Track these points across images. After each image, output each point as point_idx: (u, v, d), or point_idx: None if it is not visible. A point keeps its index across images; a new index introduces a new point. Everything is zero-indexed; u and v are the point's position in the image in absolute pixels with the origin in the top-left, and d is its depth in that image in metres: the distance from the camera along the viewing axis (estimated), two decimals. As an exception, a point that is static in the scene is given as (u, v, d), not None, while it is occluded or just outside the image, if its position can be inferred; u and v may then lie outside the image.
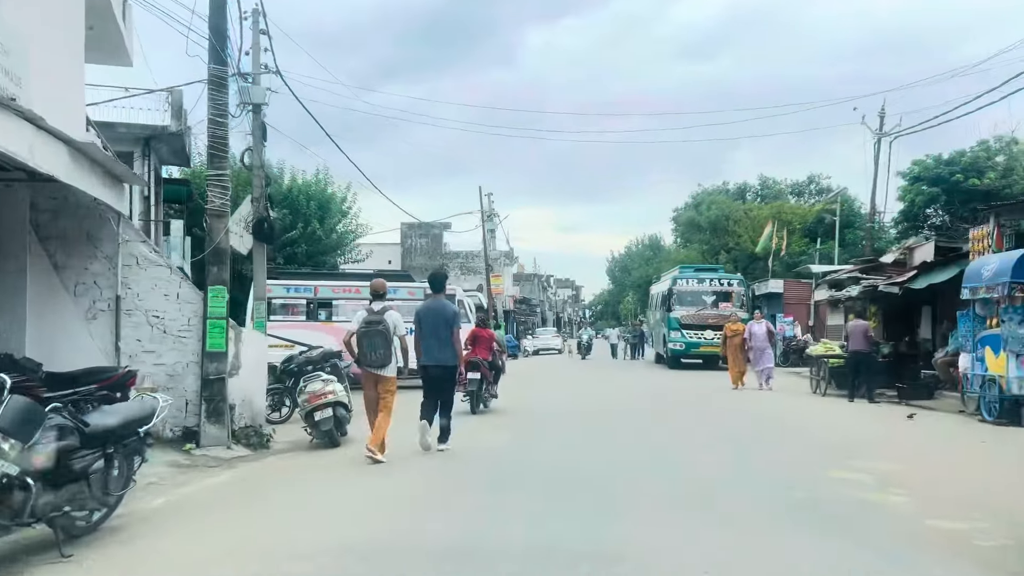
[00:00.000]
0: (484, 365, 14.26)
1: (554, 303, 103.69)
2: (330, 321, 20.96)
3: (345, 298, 21.05)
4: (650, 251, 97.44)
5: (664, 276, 34.21)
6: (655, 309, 33.46)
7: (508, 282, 58.21)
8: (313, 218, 26.40)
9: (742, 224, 42.96)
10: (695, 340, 27.93)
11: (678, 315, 28.17)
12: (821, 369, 17.89)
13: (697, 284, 28.61)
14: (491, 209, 39.65)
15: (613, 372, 28.85)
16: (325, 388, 9.92)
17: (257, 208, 16.10)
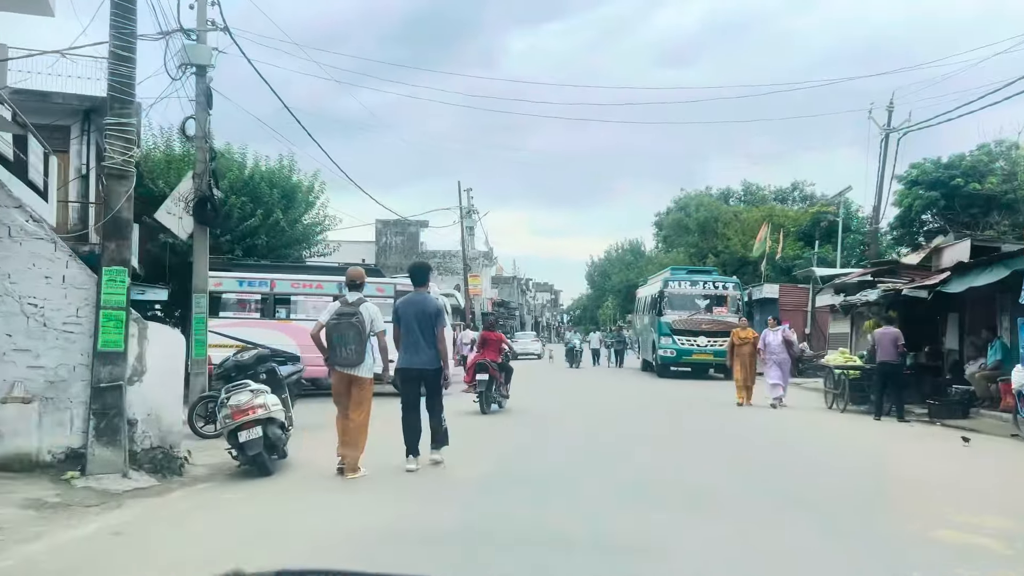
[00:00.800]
0: (493, 366, 14.46)
1: (533, 307, 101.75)
2: (288, 319, 18.76)
3: (305, 294, 18.87)
4: (631, 256, 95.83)
5: (653, 278, 32.26)
6: (643, 313, 31.51)
7: (486, 284, 56.10)
8: (276, 207, 24.10)
9: (732, 227, 41.17)
10: (687, 347, 25.98)
11: (669, 320, 26.22)
12: (838, 382, 15.95)
13: (690, 287, 26.67)
14: (471, 206, 37.61)
15: (599, 381, 26.79)
16: (253, 401, 7.73)
17: (199, 186, 13.84)
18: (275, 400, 8.04)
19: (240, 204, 23.49)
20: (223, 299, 18.40)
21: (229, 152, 25.05)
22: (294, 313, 18.80)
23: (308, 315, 18.74)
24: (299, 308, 18.91)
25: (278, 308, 18.94)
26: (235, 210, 23.43)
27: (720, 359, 25.67)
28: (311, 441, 9.42)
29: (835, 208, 34.88)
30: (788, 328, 30.46)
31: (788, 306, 30.50)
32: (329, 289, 18.66)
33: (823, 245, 33.75)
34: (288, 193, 25.14)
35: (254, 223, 23.57)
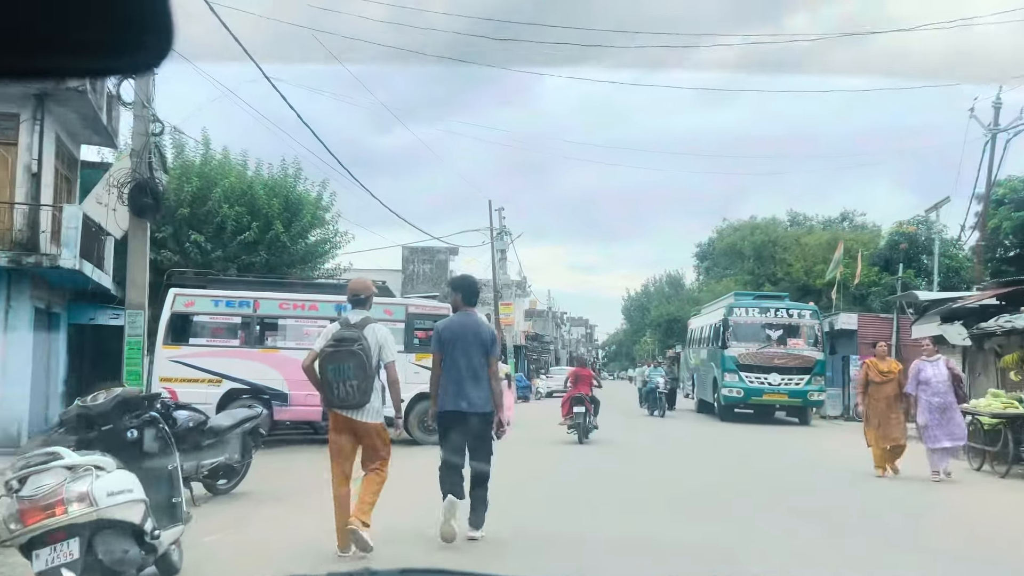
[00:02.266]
0: (588, 400, 15.88)
1: (567, 341, 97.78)
2: (275, 348, 15.23)
3: (296, 316, 15.33)
4: (670, 288, 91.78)
5: (711, 306, 28.32)
6: (698, 346, 27.56)
7: (519, 315, 52.46)
8: (276, 219, 20.77)
9: (792, 252, 37.13)
10: (756, 385, 22.00)
11: (735, 354, 22.30)
12: (995, 437, 11.95)
13: (759, 315, 22.76)
14: (502, 226, 34.08)
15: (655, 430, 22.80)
16: (63, 490, 4.05)
17: (137, 167, 10.41)
18: (123, 484, 4.32)
19: (235, 215, 20.19)
20: (195, 322, 14.95)
21: (227, 157, 21.86)
22: (283, 340, 15.28)
23: (300, 343, 15.22)
24: (289, 334, 15.38)
25: (263, 334, 15.44)
26: (229, 222, 20.16)
27: (795, 400, 21.71)
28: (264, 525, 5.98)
29: (916, 228, 30.80)
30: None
31: (868, 338, 26.30)
32: (326, 311, 15.14)
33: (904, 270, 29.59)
34: (291, 204, 21.83)
35: (250, 237, 20.24)
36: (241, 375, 14.59)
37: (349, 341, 5.96)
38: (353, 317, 6.15)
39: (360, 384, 5.86)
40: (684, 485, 10.75)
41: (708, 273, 64.34)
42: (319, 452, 8.37)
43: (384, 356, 6.06)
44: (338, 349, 5.96)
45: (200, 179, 20.62)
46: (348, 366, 5.90)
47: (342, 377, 5.90)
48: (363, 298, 6.28)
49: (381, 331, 6.19)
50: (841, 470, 12.47)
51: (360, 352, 5.89)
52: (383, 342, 6.07)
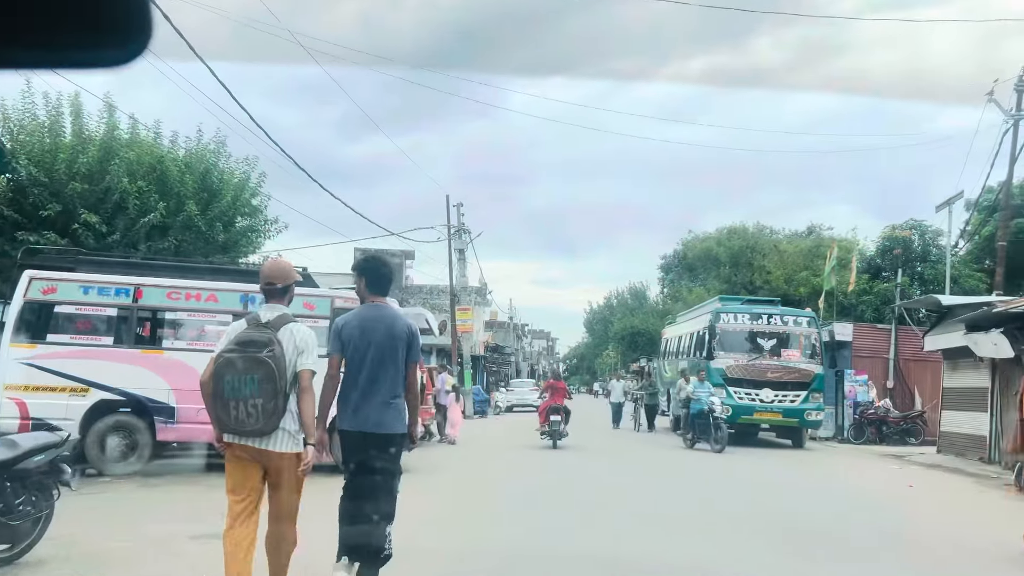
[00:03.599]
0: (562, 409, 17.22)
1: (528, 354, 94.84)
2: (159, 348, 12.06)
3: (189, 308, 12.14)
4: (635, 301, 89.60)
5: (690, 313, 25.51)
6: (675, 357, 24.73)
7: (479, 325, 49.39)
8: (189, 200, 17.51)
9: (771, 258, 34.66)
10: (746, 402, 19.22)
11: (721, 365, 19.51)
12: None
13: (749, 322, 20.00)
14: (461, 224, 31.01)
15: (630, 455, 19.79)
16: None
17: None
18: None
19: (138, 192, 16.90)
20: (56, 314, 11.64)
21: (135, 127, 18.53)
22: (171, 339, 12.07)
23: (193, 343, 12.10)
24: (179, 331, 12.19)
25: (145, 331, 12.24)
26: (131, 200, 16.86)
27: (790, 420, 18.97)
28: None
29: (910, 232, 28.46)
30: (867, 381, 23.90)
31: (863, 351, 23.84)
32: (229, 303, 12.06)
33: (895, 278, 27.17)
34: (210, 184, 18.57)
35: (155, 219, 16.93)
36: (115, 383, 11.40)
37: (257, 345, 4.59)
38: (266, 314, 4.78)
39: (266, 403, 4.49)
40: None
41: (673, 285, 62.32)
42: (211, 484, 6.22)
43: (302, 365, 4.65)
44: (241, 355, 4.57)
45: (100, 150, 17.33)
46: (251, 378, 4.53)
47: (241, 394, 4.51)
48: (280, 288, 4.84)
49: (302, 333, 4.75)
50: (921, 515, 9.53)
51: (269, 360, 4.53)
52: (303, 347, 4.67)
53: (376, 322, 5.13)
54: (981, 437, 16.00)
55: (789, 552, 7.28)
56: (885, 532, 8.62)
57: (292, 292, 4.96)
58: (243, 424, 4.53)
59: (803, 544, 7.69)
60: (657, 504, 10.32)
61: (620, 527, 8.34)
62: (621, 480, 12.81)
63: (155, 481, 10.93)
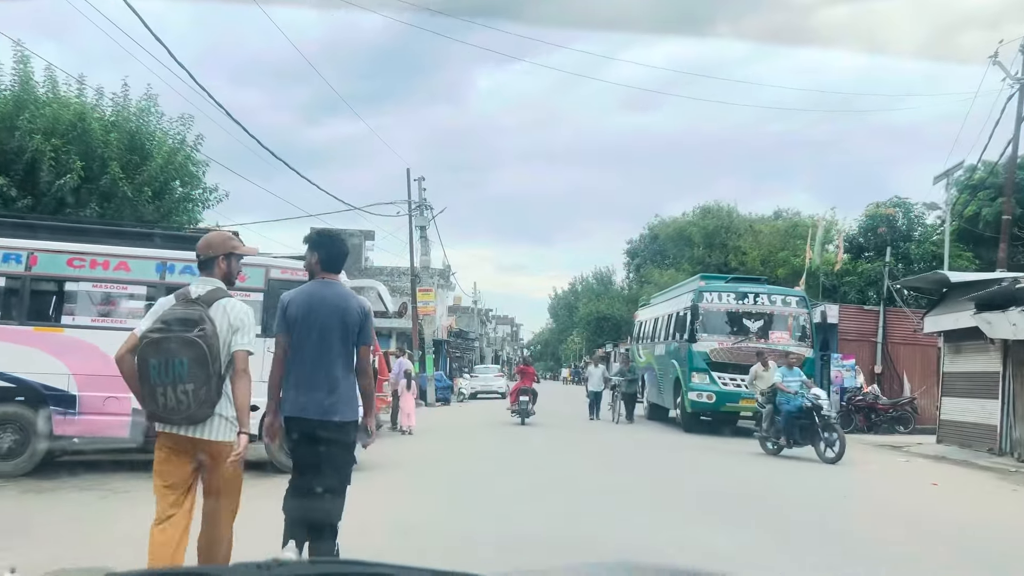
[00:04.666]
0: (530, 391, 19.54)
1: (493, 340, 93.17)
2: (57, 325, 10.14)
3: (94, 278, 10.21)
4: (600, 286, 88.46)
5: (666, 294, 23.93)
6: (651, 341, 23.19)
7: (443, 309, 47.56)
8: (112, 161, 15.45)
9: (746, 239, 33.32)
10: (731, 389, 17.74)
11: (705, 348, 17.99)
12: None
13: (735, 302, 18.48)
14: (423, 200, 29.09)
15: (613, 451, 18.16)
16: None
17: None
18: None
19: (53, 151, 14.82)
20: (-76, 284, 9.67)
21: (53, 79, 16.33)
22: (72, 314, 10.11)
23: (98, 319, 10.20)
24: (82, 305, 10.22)
25: (40, 304, 10.29)
26: (46, 160, 14.78)
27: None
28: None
29: (894, 211, 27.24)
30: (854, 366, 22.59)
31: (850, 334, 22.51)
32: (143, 272, 10.19)
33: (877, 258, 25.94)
34: (138, 144, 16.49)
35: (72, 182, 14.86)
36: (2, 366, 9.49)
37: (187, 324, 4.13)
38: (197, 288, 4.32)
39: (198, 389, 4.07)
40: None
41: (639, 270, 61.28)
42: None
43: (236, 344, 4.22)
44: (166, 335, 4.11)
45: (9, 104, 15.21)
46: (180, 361, 4.08)
47: (170, 378, 4.07)
48: (212, 257, 4.41)
49: (237, 309, 4.29)
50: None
51: (200, 341, 4.09)
52: (239, 325, 4.25)
53: (325, 300, 4.69)
54: (990, 427, 14.68)
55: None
56: (968, 552, 7.08)
57: (233, 265, 4.50)
58: (173, 412, 4.13)
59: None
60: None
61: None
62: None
63: (47, 485, 9.03)
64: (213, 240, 4.52)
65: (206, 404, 4.13)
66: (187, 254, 10.76)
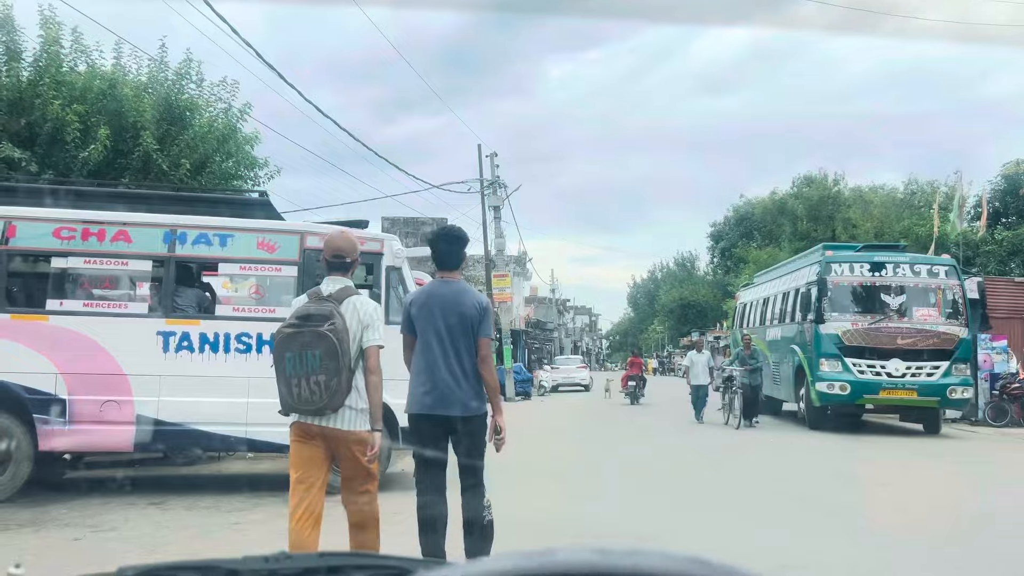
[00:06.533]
0: (639, 377, 24.58)
1: (571, 330, 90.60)
2: (42, 313, 8.13)
3: (87, 252, 8.16)
4: (682, 272, 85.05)
5: (779, 270, 20.89)
6: (761, 325, 20.28)
7: (519, 299, 45.27)
8: (145, 131, 13.55)
9: (855, 209, 29.91)
10: (869, 378, 14.81)
11: (835, 330, 15.10)
12: None
13: (869, 274, 15.51)
14: (496, 177, 26.78)
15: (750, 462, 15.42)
16: None
17: None
18: None
19: (80, 119, 13.03)
20: None
21: (80, 43, 14.50)
22: (60, 297, 8.04)
23: (95, 303, 8.12)
24: (73, 286, 8.16)
25: (20, 286, 8.32)
26: (71, 130, 12.98)
27: (929, 400, 14.65)
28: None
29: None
30: (1006, 349, 19.31)
31: (998, 311, 19.15)
32: (148, 243, 8.05)
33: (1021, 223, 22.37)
34: (175, 113, 14.57)
35: (97, 154, 13.01)
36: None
37: (317, 319, 4.36)
38: (328, 286, 4.55)
39: (329, 380, 4.29)
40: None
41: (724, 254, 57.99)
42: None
43: (367, 340, 4.43)
44: (300, 330, 4.36)
45: (29, 69, 13.51)
46: (313, 354, 4.31)
47: (303, 370, 4.32)
48: (347, 262, 4.61)
49: (367, 307, 4.53)
50: None
51: (330, 334, 4.29)
52: (368, 321, 4.46)
53: (443, 298, 4.80)
54: None
55: None
56: None
57: (355, 265, 4.74)
58: (306, 402, 4.32)
59: None
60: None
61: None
62: None
63: (23, 517, 6.97)
64: (344, 245, 4.59)
65: (337, 395, 4.28)
66: (199, 220, 8.62)
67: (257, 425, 7.90)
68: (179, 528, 6.56)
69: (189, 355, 7.89)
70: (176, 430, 7.76)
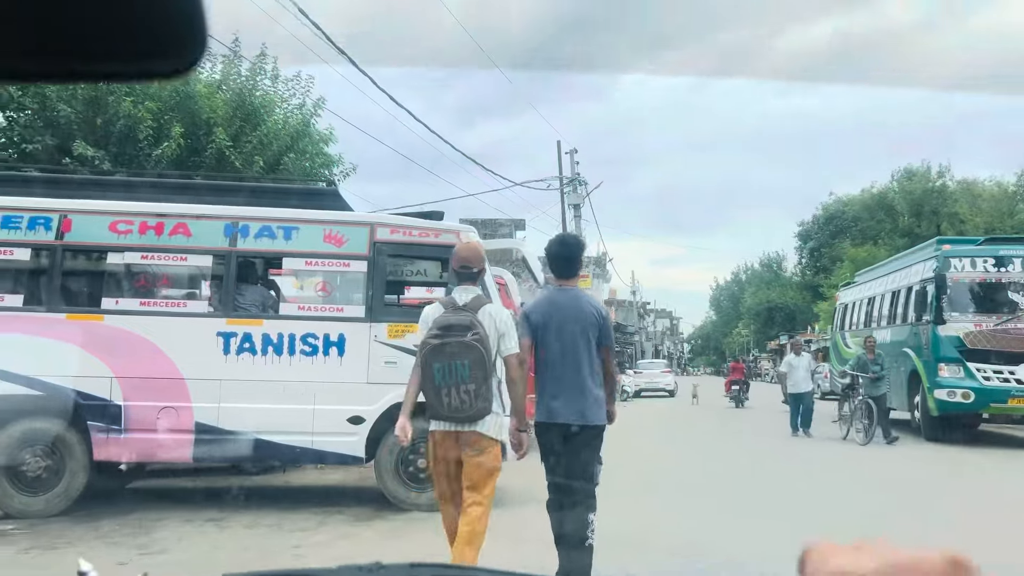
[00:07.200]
0: (742, 382, 25.64)
1: (652, 334, 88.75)
2: (97, 312, 7.59)
3: (144, 247, 7.59)
4: (769, 273, 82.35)
5: (887, 267, 19.29)
6: (869, 327, 18.75)
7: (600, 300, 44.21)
8: (218, 128, 13.19)
9: (962, 204, 27.86)
10: (998, 385, 13.32)
11: (956, 332, 13.65)
12: None
13: (995, 270, 14.01)
14: (575, 175, 25.88)
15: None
16: None
17: None
18: None
19: (153, 116, 12.77)
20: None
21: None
22: (115, 295, 7.51)
23: (151, 302, 7.57)
24: (128, 283, 7.64)
25: (75, 284, 7.85)
26: (143, 127, 12.73)
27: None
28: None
29: None
30: None
31: None
32: (210, 237, 7.45)
33: None
34: (248, 109, 14.19)
35: (170, 151, 12.69)
36: (26, 368, 7.03)
37: (459, 329, 4.51)
38: (461, 296, 4.64)
39: (478, 388, 4.45)
40: None
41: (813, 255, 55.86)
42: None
43: (503, 347, 4.59)
44: (446, 340, 4.50)
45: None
46: (462, 364, 4.47)
47: (453, 380, 4.46)
48: (474, 271, 4.72)
49: (502, 315, 4.69)
50: None
51: (477, 344, 4.47)
52: (504, 329, 4.60)
53: (563, 306, 4.81)
54: None
55: None
56: None
57: (484, 273, 4.96)
58: (457, 411, 4.45)
59: None
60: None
61: None
62: None
63: (77, 532, 6.44)
64: (470, 256, 4.71)
65: (486, 402, 4.46)
66: (262, 211, 8.01)
67: (324, 435, 7.25)
68: (236, 550, 5.91)
69: (251, 358, 7.26)
70: (237, 440, 7.14)
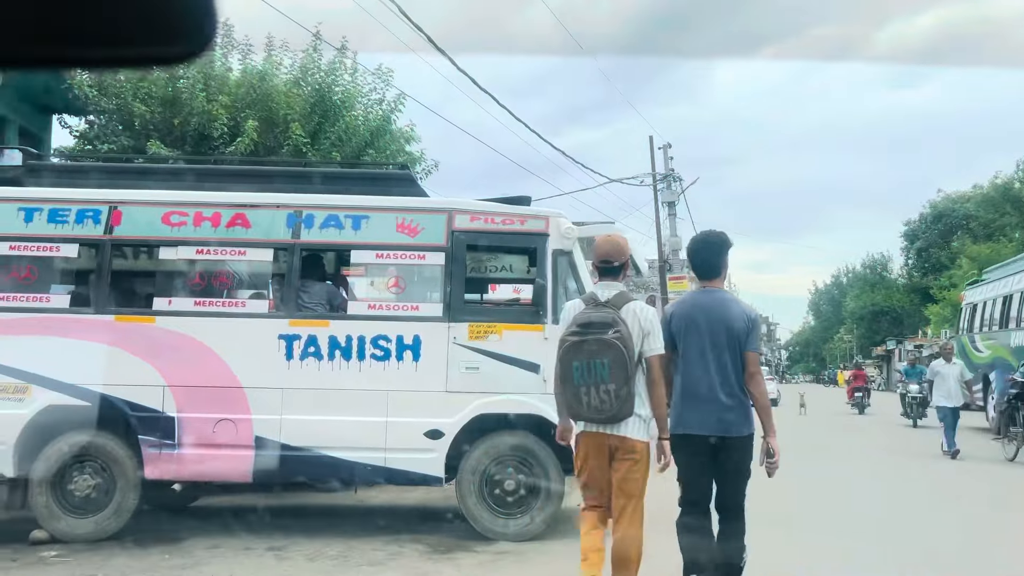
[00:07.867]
0: (864, 388, 25.77)
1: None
2: (149, 314, 6.87)
3: (199, 241, 6.80)
4: (873, 275, 78.52)
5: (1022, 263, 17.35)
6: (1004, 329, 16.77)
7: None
8: (294, 123, 12.59)
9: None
10: None
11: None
12: None
13: None
14: (669, 171, 24.55)
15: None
16: None
17: None
18: None
19: (229, 112, 12.27)
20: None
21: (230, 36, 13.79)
22: (170, 294, 6.78)
23: (207, 301, 6.80)
24: (182, 281, 6.90)
25: (125, 282, 7.19)
26: (219, 125, 12.23)
27: None
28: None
29: None
30: None
31: None
32: (271, 228, 6.61)
33: None
34: (326, 105, 13.56)
35: (244, 146, 12.12)
36: (73, 376, 6.37)
37: (599, 326, 4.25)
38: (603, 292, 4.42)
39: (619, 388, 4.18)
40: None
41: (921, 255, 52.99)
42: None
43: (647, 347, 4.31)
44: (585, 338, 4.25)
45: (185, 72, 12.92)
46: (602, 363, 4.20)
47: (592, 379, 4.22)
48: (616, 266, 4.47)
49: (647, 313, 4.41)
50: None
51: (617, 342, 4.19)
52: (649, 328, 4.32)
53: (707, 309, 4.52)
54: None
55: None
56: None
57: (626, 268, 4.60)
58: (597, 411, 4.22)
59: None
60: None
61: None
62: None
63: (121, 560, 5.70)
64: (611, 250, 4.47)
65: (627, 403, 4.19)
66: (328, 199, 7.16)
67: (398, 451, 6.33)
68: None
69: (316, 363, 6.42)
70: (301, 457, 6.29)
